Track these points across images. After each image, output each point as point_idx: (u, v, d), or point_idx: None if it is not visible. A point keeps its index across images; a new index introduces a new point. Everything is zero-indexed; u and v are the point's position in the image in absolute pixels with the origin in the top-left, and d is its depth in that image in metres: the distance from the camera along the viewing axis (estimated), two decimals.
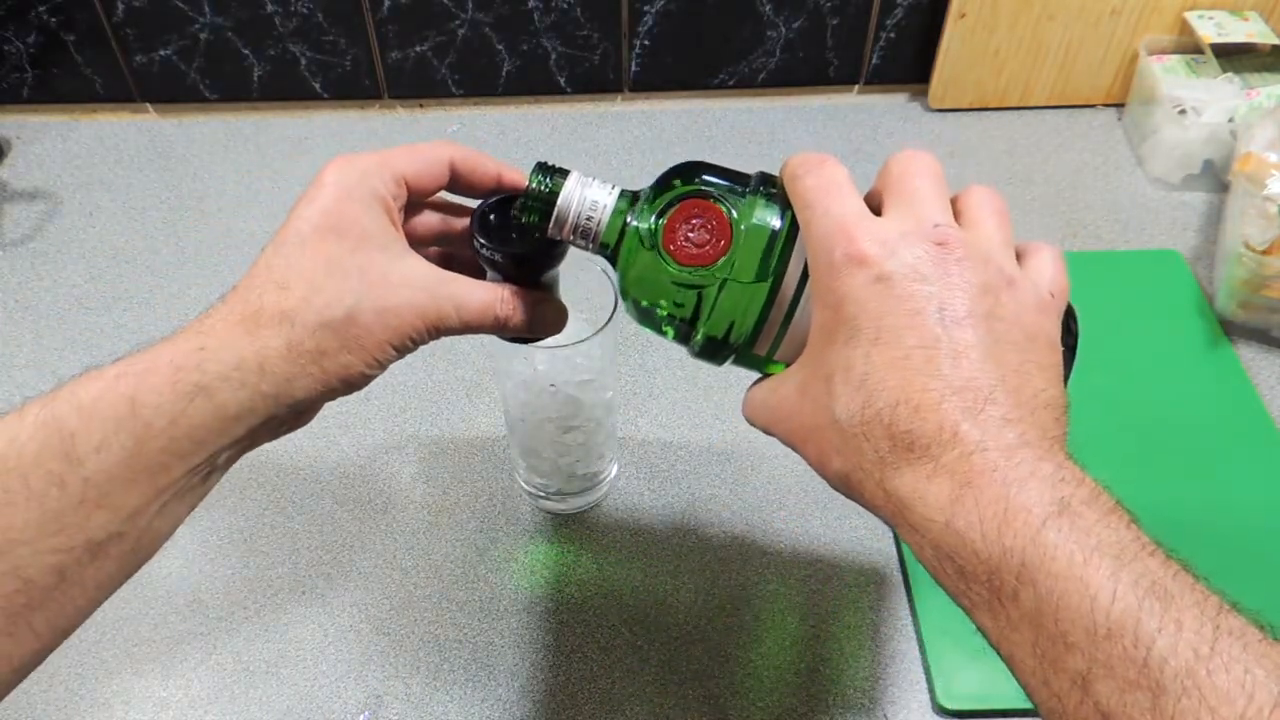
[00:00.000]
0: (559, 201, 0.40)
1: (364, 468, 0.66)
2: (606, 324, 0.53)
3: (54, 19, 0.86)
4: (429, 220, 0.44)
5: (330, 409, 0.71)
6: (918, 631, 0.57)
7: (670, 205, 0.39)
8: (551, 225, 0.40)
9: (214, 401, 0.35)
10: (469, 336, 0.43)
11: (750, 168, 0.40)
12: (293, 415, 0.38)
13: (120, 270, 0.79)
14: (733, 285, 0.38)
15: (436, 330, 0.40)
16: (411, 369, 0.71)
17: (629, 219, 0.39)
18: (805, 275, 0.37)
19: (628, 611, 0.59)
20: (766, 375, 0.40)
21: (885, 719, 0.54)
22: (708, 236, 0.38)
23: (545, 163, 0.41)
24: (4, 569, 0.32)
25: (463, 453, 0.67)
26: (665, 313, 0.39)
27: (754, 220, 0.38)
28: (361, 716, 0.55)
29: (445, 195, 0.44)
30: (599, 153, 0.88)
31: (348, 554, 0.62)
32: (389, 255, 0.39)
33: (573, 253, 0.44)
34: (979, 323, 0.33)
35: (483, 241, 0.42)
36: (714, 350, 0.40)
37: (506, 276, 0.43)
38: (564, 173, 0.40)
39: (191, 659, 0.57)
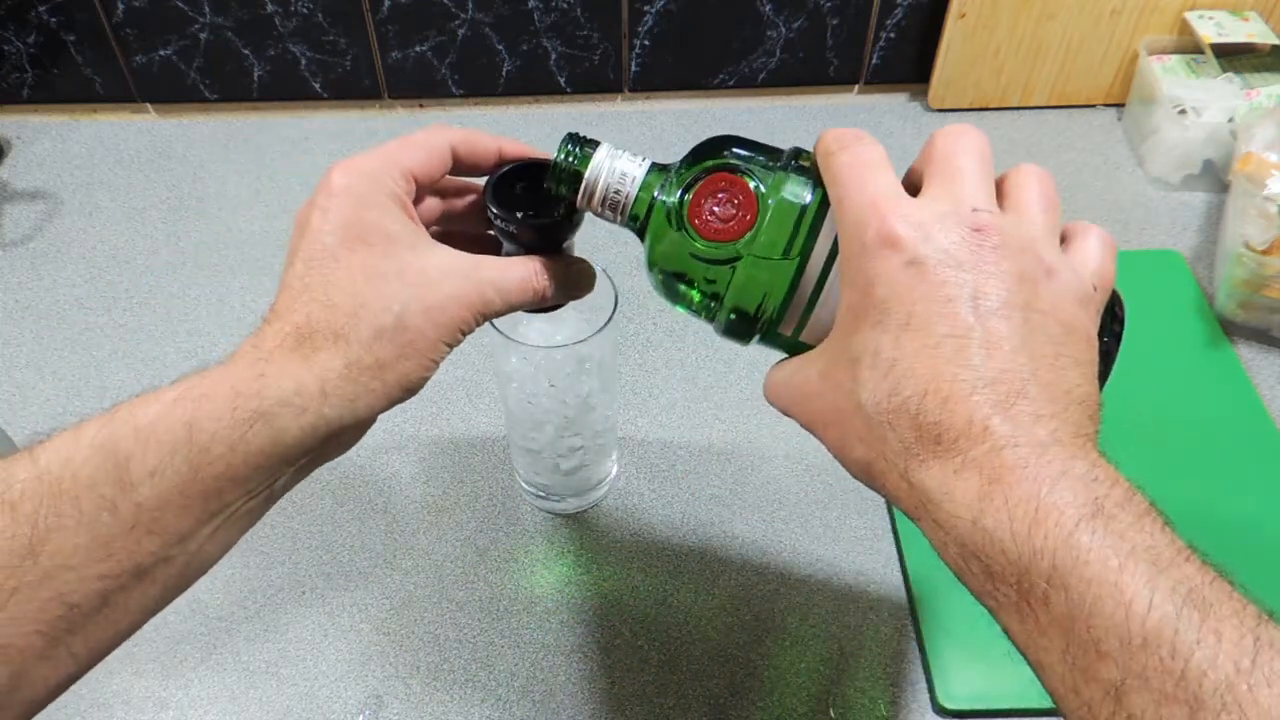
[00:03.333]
0: (588, 173, 0.39)
1: (364, 468, 0.66)
2: (606, 324, 0.53)
3: (54, 19, 0.86)
4: (429, 205, 0.43)
5: None
6: (918, 631, 0.57)
7: (698, 178, 0.38)
8: (580, 197, 0.40)
9: (273, 427, 0.34)
10: (469, 338, 0.43)
11: None
12: (354, 432, 0.38)
13: (120, 270, 0.79)
14: (758, 261, 0.37)
15: (483, 316, 0.39)
16: None
17: (657, 192, 0.39)
18: (834, 254, 0.36)
19: (628, 611, 0.59)
20: (792, 355, 0.39)
21: (885, 719, 0.54)
22: (734, 211, 0.37)
23: (576, 134, 0.40)
24: (49, 594, 0.31)
25: (463, 453, 0.67)
26: (691, 289, 0.39)
27: (782, 195, 0.37)
28: (361, 716, 0.55)
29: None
30: None
31: (348, 554, 0.62)
32: (419, 253, 0.38)
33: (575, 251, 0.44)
34: (1014, 313, 0.31)
35: (500, 214, 0.41)
36: (740, 328, 0.39)
37: (527, 247, 0.42)
38: (594, 144, 0.40)
39: (191, 659, 0.57)
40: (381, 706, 0.55)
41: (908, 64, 0.91)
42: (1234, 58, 0.83)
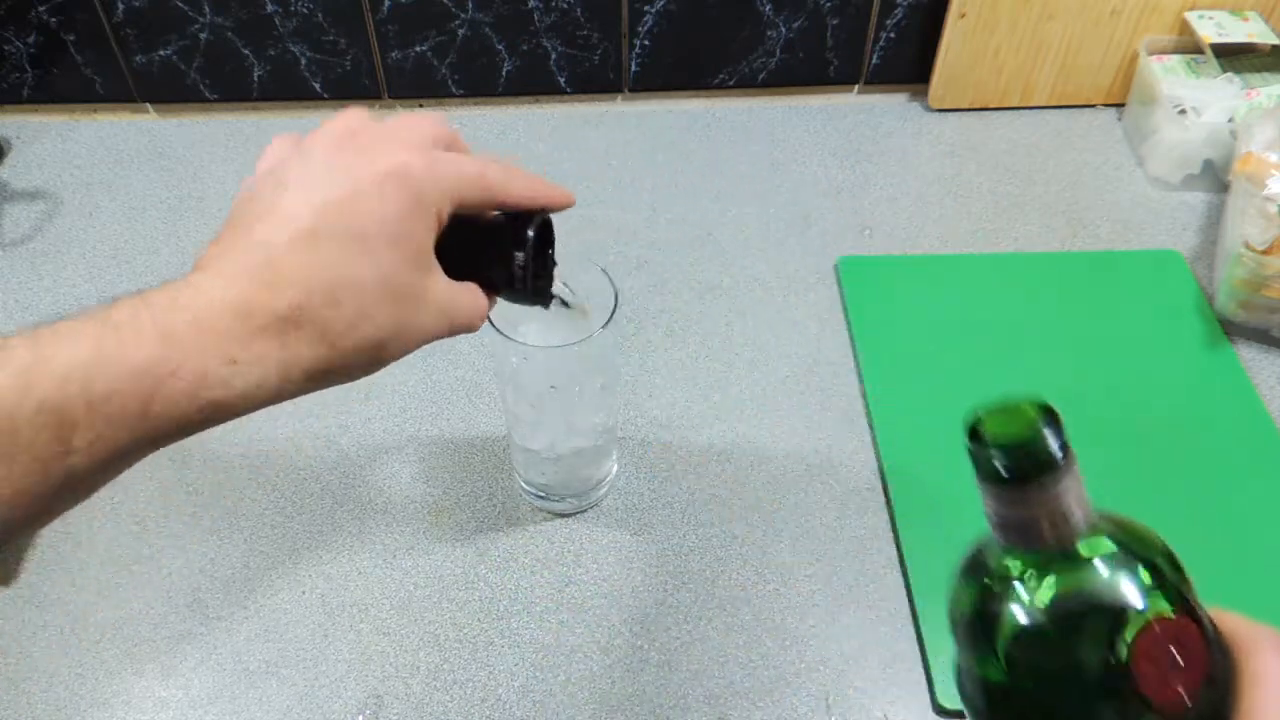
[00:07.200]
0: (1056, 488, 0.29)
1: (364, 468, 0.66)
2: (606, 324, 0.53)
3: (54, 19, 0.86)
4: None
5: (331, 408, 0.71)
6: (918, 631, 0.57)
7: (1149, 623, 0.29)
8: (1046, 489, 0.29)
9: (226, 413, 0.35)
10: (469, 338, 0.43)
11: (749, 168, 0.39)
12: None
13: (120, 270, 0.79)
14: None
15: (428, 343, 0.40)
16: (411, 369, 0.71)
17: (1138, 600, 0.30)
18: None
19: (628, 611, 0.59)
20: None
21: (885, 719, 0.54)
22: (1183, 673, 0.29)
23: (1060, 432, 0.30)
24: None
25: (463, 453, 0.67)
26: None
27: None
28: (361, 716, 0.55)
29: None
30: (599, 153, 0.88)
31: (348, 554, 0.62)
32: (426, 276, 0.38)
33: (572, 257, 0.44)
34: None
35: (534, 270, 0.41)
36: None
37: (509, 297, 0.43)
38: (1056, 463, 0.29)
39: (191, 659, 0.57)
40: (381, 706, 0.55)
41: (908, 64, 0.91)
42: (1234, 58, 0.83)
